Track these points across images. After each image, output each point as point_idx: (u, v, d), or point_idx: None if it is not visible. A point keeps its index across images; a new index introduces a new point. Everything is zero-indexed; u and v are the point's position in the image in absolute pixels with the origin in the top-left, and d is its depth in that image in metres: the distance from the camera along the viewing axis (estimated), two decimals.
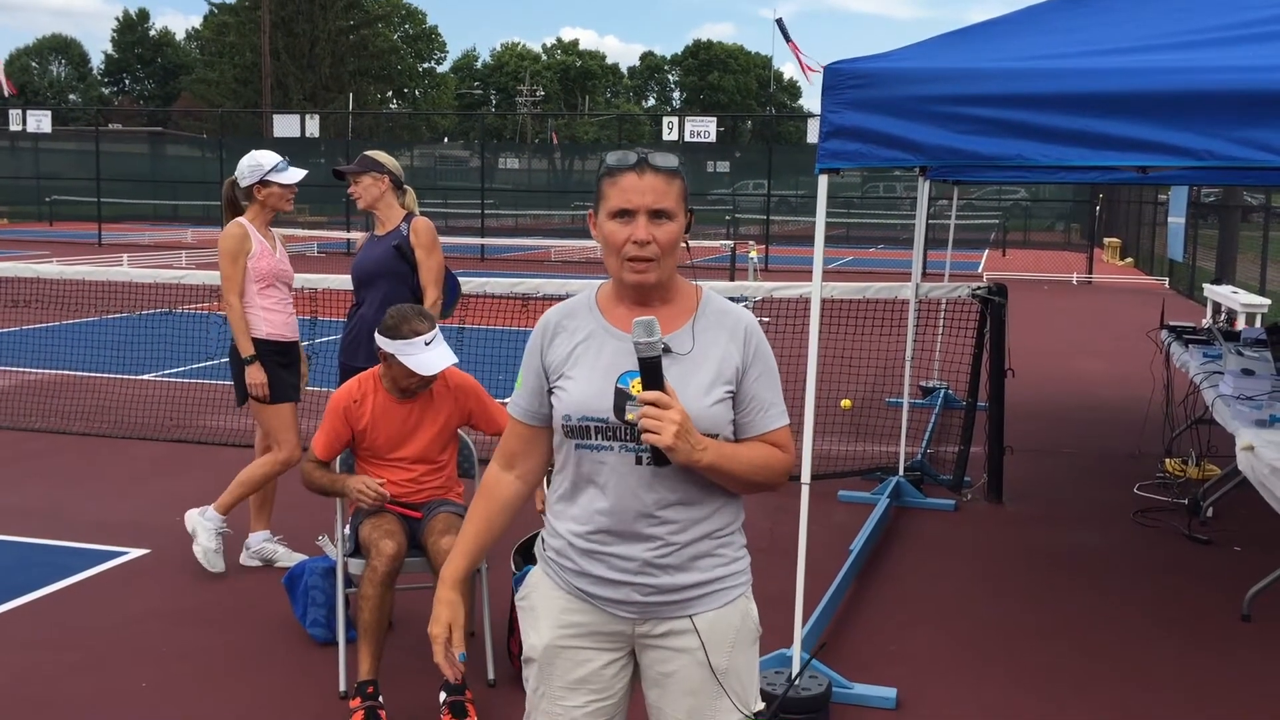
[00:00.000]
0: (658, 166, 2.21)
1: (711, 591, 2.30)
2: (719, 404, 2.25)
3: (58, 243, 29.71)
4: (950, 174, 8.07)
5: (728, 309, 2.34)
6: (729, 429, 2.28)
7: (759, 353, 2.31)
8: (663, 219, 2.21)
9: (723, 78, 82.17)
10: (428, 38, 72.70)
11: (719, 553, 2.31)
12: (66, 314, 13.32)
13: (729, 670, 2.31)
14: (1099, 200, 29.03)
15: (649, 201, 2.20)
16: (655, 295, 2.30)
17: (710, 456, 2.18)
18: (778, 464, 2.31)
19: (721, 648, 2.30)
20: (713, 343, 2.29)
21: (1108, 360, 12.53)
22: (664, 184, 2.21)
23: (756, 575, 2.44)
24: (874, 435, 8.23)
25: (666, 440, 2.11)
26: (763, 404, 2.30)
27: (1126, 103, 3.51)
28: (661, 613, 2.29)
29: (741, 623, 2.33)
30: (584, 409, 2.25)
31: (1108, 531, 6.31)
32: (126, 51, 78.06)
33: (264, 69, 50.09)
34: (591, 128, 71.21)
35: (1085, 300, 19.93)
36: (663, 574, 2.26)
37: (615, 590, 2.28)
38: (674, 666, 2.31)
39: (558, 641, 2.34)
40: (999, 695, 4.26)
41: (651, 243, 2.20)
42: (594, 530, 2.27)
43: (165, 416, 8.64)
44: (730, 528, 2.34)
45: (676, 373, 2.24)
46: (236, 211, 5.34)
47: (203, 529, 5.26)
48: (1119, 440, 8.41)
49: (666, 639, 2.30)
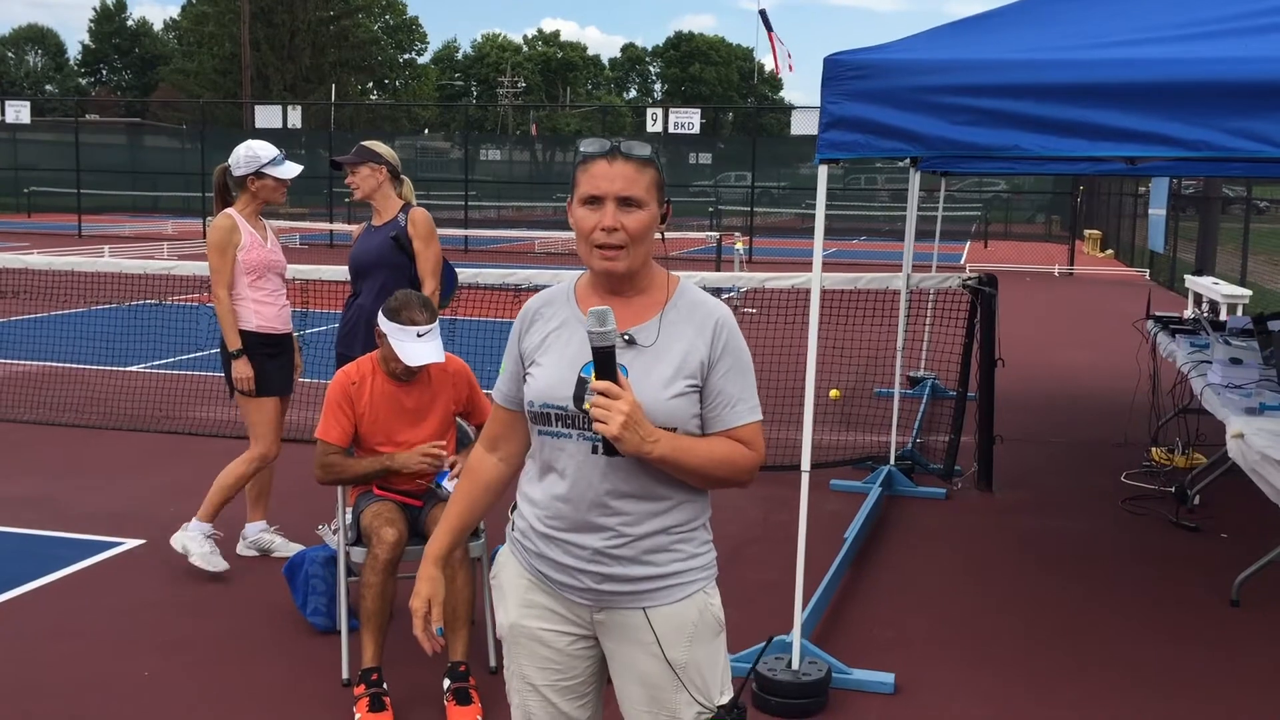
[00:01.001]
0: (629, 155, 2.22)
1: (666, 586, 2.29)
2: (679, 398, 2.24)
3: (37, 234, 29.51)
4: (940, 165, 8.13)
5: (700, 301, 2.33)
6: (693, 423, 2.27)
7: (728, 347, 2.29)
8: (632, 207, 2.22)
9: (704, 69, 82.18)
10: (408, 28, 72.40)
11: (676, 548, 2.30)
12: (54, 305, 13.25)
13: (688, 664, 2.31)
14: (1079, 192, 29.18)
15: (618, 189, 2.21)
16: (628, 285, 2.30)
17: (662, 449, 2.17)
18: (741, 460, 2.29)
19: (678, 642, 2.30)
20: (679, 336, 2.28)
21: (1092, 351, 12.63)
22: (634, 172, 2.22)
23: (751, 564, 2.48)
24: (864, 425, 8.29)
25: (613, 430, 2.11)
26: (729, 399, 2.28)
27: (1122, 94, 3.56)
28: (615, 602, 2.30)
29: (699, 617, 2.31)
30: (546, 396, 2.27)
31: (1096, 519, 6.38)
32: (104, 42, 77.46)
33: (244, 59, 49.83)
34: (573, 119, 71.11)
35: (1067, 292, 20.05)
36: (615, 564, 2.27)
37: (569, 576, 2.30)
38: (632, 658, 2.32)
39: (522, 620, 2.38)
40: (993, 679, 4.32)
41: (619, 230, 2.21)
42: (551, 515, 2.30)
43: (155, 408, 8.61)
44: (691, 523, 2.33)
45: (640, 364, 2.25)
46: (226, 200, 5.30)
47: (192, 541, 5.15)
48: (1105, 429, 8.49)
49: (625, 630, 2.32)
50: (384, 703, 3.87)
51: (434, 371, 4.21)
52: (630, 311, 2.31)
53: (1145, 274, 22.67)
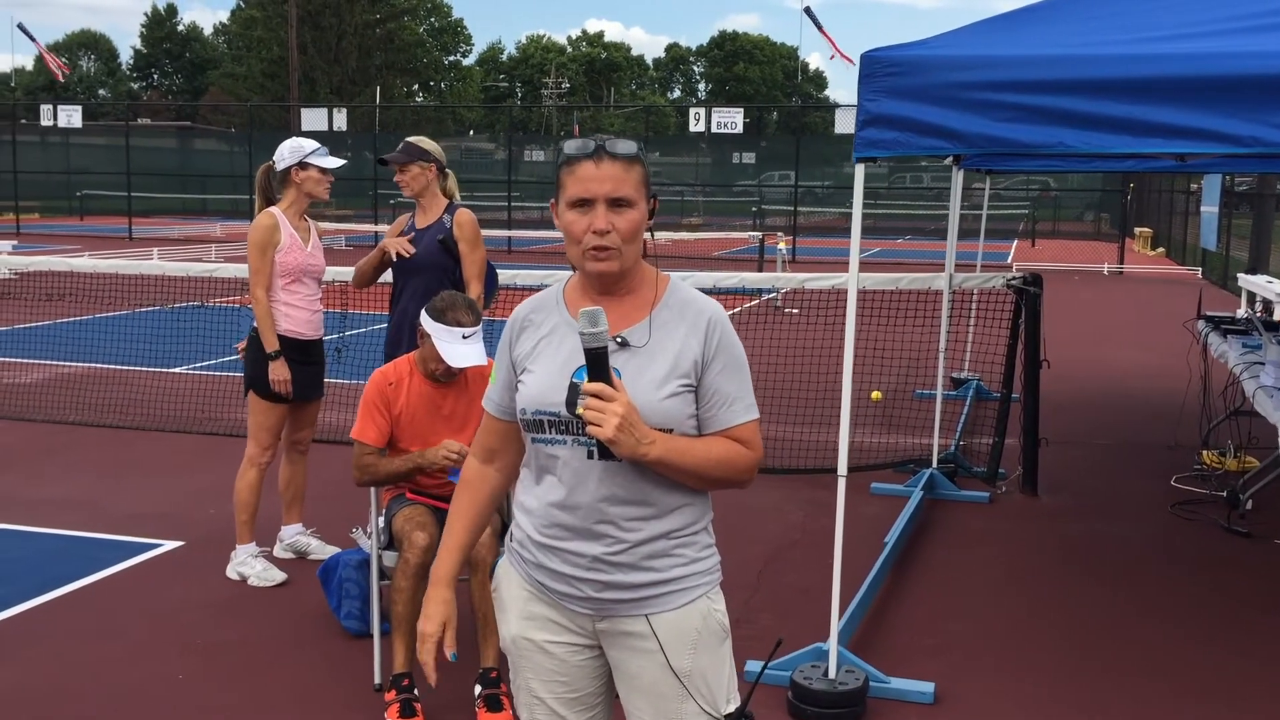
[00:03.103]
0: (615, 154, 2.17)
1: (668, 592, 2.24)
2: (674, 398, 2.19)
3: (89, 237, 29.94)
4: (984, 163, 7.99)
5: (691, 300, 2.28)
6: (689, 424, 2.22)
7: (722, 345, 2.24)
8: (623, 207, 2.18)
9: (748, 69, 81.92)
10: (454, 30, 72.79)
11: (677, 552, 2.24)
12: (99, 307, 13.41)
13: (693, 672, 2.25)
14: (1129, 190, 28.74)
15: (607, 190, 2.16)
16: (619, 286, 2.26)
17: (658, 451, 2.12)
18: (740, 460, 2.24)
19: (682, 649, 2.24)
20: (671, 335, 2.23)
21: (1142, 351, 12.40)
22: (622, 171, 2.17)
23: (790, 569, 2.42)
24: (905, 427, 8.17)
25: (607, 433, 2.07)
26: (725, 398, 2.23)
27: (1170, 89, 3.46)
28: (616, 610, 2.24)
29: (703, 623, 2.26)
30: (538, 403, 2.22)
31: (1145, 524, 6.24)
32: (155, 47, 78.49)
33: (291, 63, 50.31)
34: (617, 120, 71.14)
35: (1117, 291, 19.75)
36: (615, 571, 2.22)
37: (569, 585, 2.25)
38: (637, 667, 2.27)
39: (523, 633, 2.33)
40: (1036, 689, 4.22)
41: (611, 231, 2.17)
42: (548, 524, 2.25)
43: (197, 409, 8.68)
44: (692, 527, 2.27)
45: (633, 366, 2.20)
46: (269, 201, 5.27)
47: (243, 566, 5.15)
48: (1155, 432, 8.32)
49: (627, 639, 2.26)
50: (414, 708, 3.84)
51: (471, 375, 4.18)
52: (621, 312, 2.26)
53: (1198, 272, 22.27)
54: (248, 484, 5.21)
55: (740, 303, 15.82)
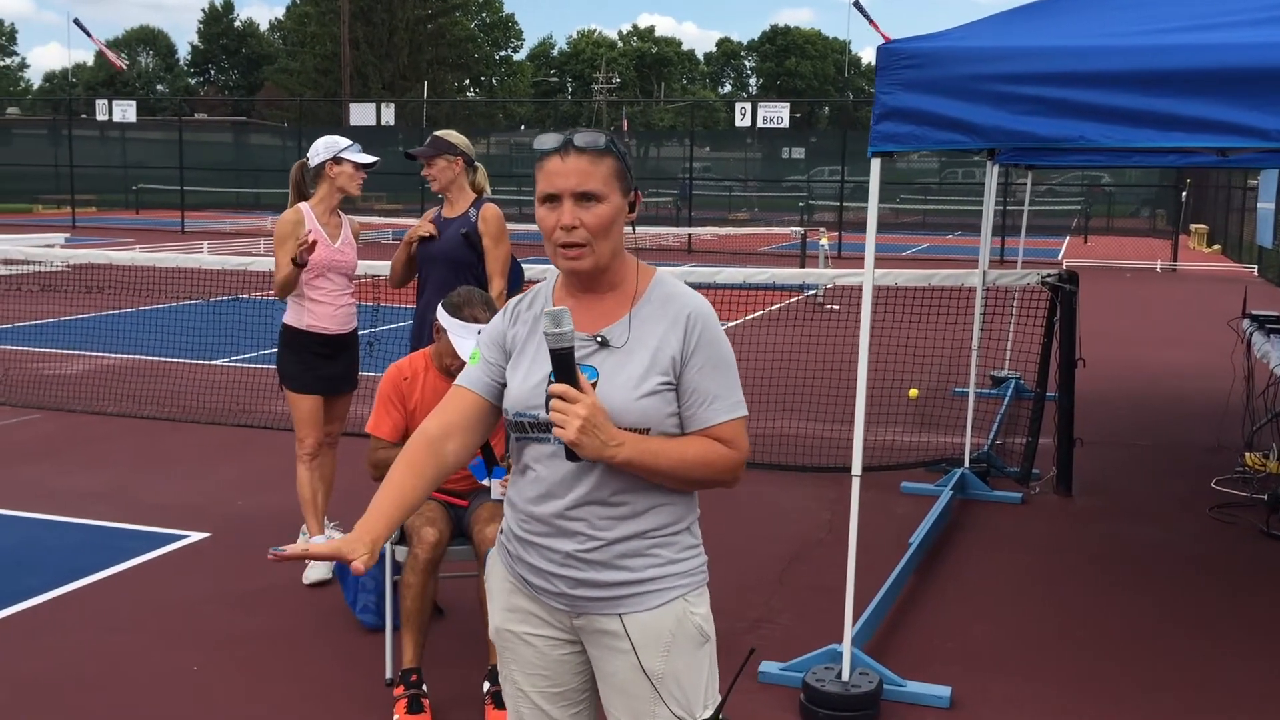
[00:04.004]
0: (581, 147, 2.13)
1: (642, 592, 2.20)
2: (651, 396, 2.15)
3: (142, 230, 30.40)
4: (1022, 158, 7.86)
5: (674, 295, 2.22)
6: (669, 423, 2.17)
7: (702, 341, 2.17)
8: (590, 201, 2.13)
9: (800, 63, 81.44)
10: (505, 26, 73.07)
11: (653, 553, 2.20)
12: (142, 300, 13.60)
13: (665, 675, 2.21)
14: (1185, 185, 28.20)
15: (572, 184, 2.12)
16: (601, 281, 2.21)
17: (626, 453, 2.08)
18: (718, 461, 2.18)
19: (654, 650, 2.20)
20: (650, 332, 2.18)
21: (1189, 350, 12.16)
22: (589, 165, 2.13)
23: (812, 568, 2.37)
24: (941, 426, 8.06)
25: (570, 435, 2.03)
26: (705, 396, 2.17)
27: (1193, 81, 3.35)
28: (590, 608, 2.22)
29: (677, 625, 2.21)
30: (520, 404, 2.20)
31: (1181, 527, 6.10)
32: (212, 43, 79.54)
33: (343, 58, 50.77)
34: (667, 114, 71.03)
35: (1169, 288, 19.39)
36: (588, 569, 2.19)
37: (546, 580, 2.23)
38: (612, 666, 2.24)
39: (506, 625, 2.32)
40: (1058, 695, 4.12)
41: (578, 227, 2.13)
42: (526, 519, 2.24)
43: (233, 401, 8.76)
44: (671, 528, 2.22)
45: (610, 364, 2.17)
46: (301, 196, 5.31)
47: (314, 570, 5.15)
48: (1197, 433, 8.15)
49: (602, 637, 2.23)
50: (422, 704, 3.83)
51: None
52: (603, 309, 2.22)
53: (1254, 270, 21.82)
54: (300, 481, 5.29)
55: (781, 299, 15.72)
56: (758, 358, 9.61)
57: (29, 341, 11.36)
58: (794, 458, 7.27)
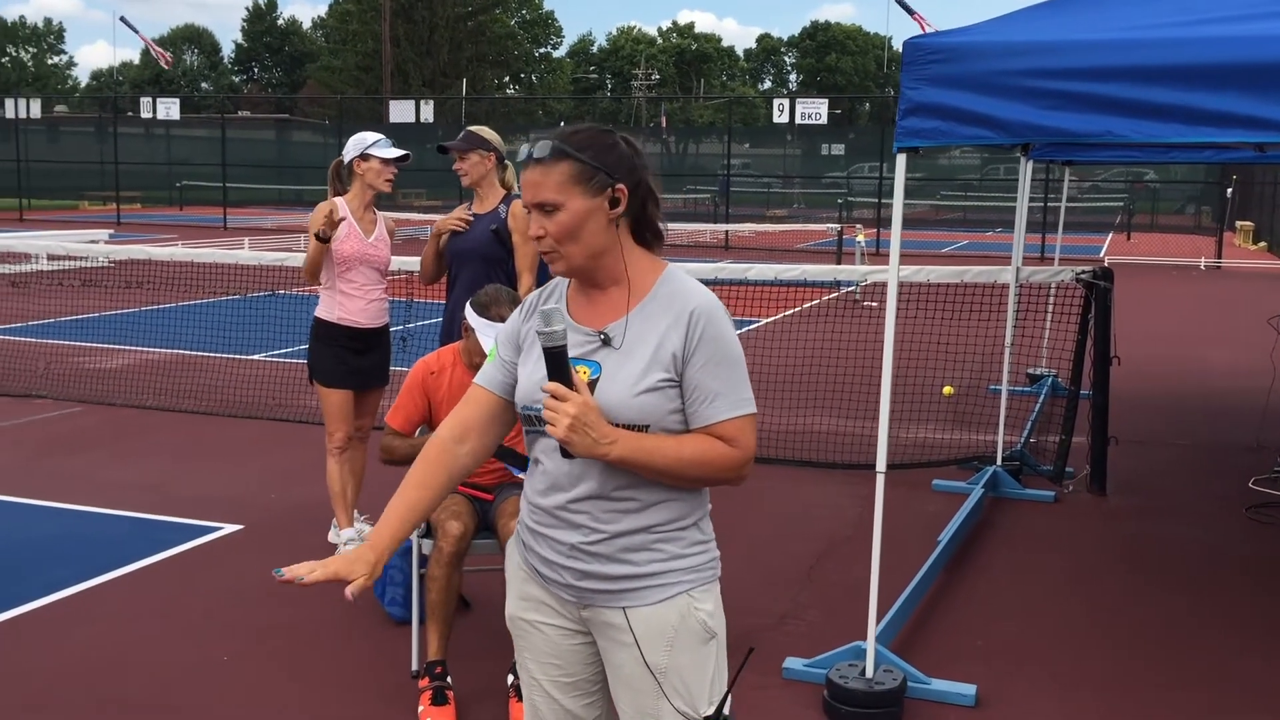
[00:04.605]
0: (536, 158, 2.16)
1: (646, 586, 2.21)
2: (650, 393, 2.15)
3: (185, 226, 30.75)
4: (1058, 153, 7.79)
5: (680, 291, 2.21)
6: (670, 419, 2.17)
7: (705, 338, 2.16)
8: (548, 210, 2.16)
9: (840, 59, 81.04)
10: (544, 22, 73.27)
11: (657, 547, 2.21)
12: (182, 295, 13.77)
13: (669, 670, 2.22)
14: (1231, 182, 27.79)
15: (529, 197, 2.18)
16: (599, 279, 2.24)
17: (619, 451, 2.09)
18: (718, 459, 2.16)
19: (657, 645, 2.21)
20: (653, 329, 2.18)
21: (1230, 349, 11.99)
22: (540, 175, 2.16)
23: (840, 564, 2.36)
24: (975, 423, 8.01)
25: (560, 433, 2.06)
26: (707, 394, 2.16)
27: (1223, 74, 3.31)
28: (596, 600, 2.24)
29: (680, 621, 2.21)
30: (527, 397, 2.23)
31: (1217, 528, 6.02)
32: (255, 41, 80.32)
33: (384, 55, 51.10)
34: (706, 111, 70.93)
35: (1212, 286, 19.13)
36: (593, 561, 2.21)
37: (554, 571, 2.26)
38: (618, 659, 2.26)
39: (519, 613, 2.35)
40: (1085, 696, 4.09)
41: (544, 235, 2.17)
42: (536, 510, 2.27)
43: (270, 395, 8.85)
44: (677, 523, 2.22)
45: (612, 361, 2.18)
46: (339, 192, 5.37)
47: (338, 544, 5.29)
48: (1235, 432, 8.04)
49: (608, 630, 2.25)
50: (446, 696, 3.86)
51: None
52: (608, 305, 2.24)
53: None
54: (330, 474, 5.35)
55: (818, 295, 15.66)
56: (793, 354, 9.59)
57: (72, 336, 11.54)
58: (826, 454, 7.25)
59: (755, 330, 12.31)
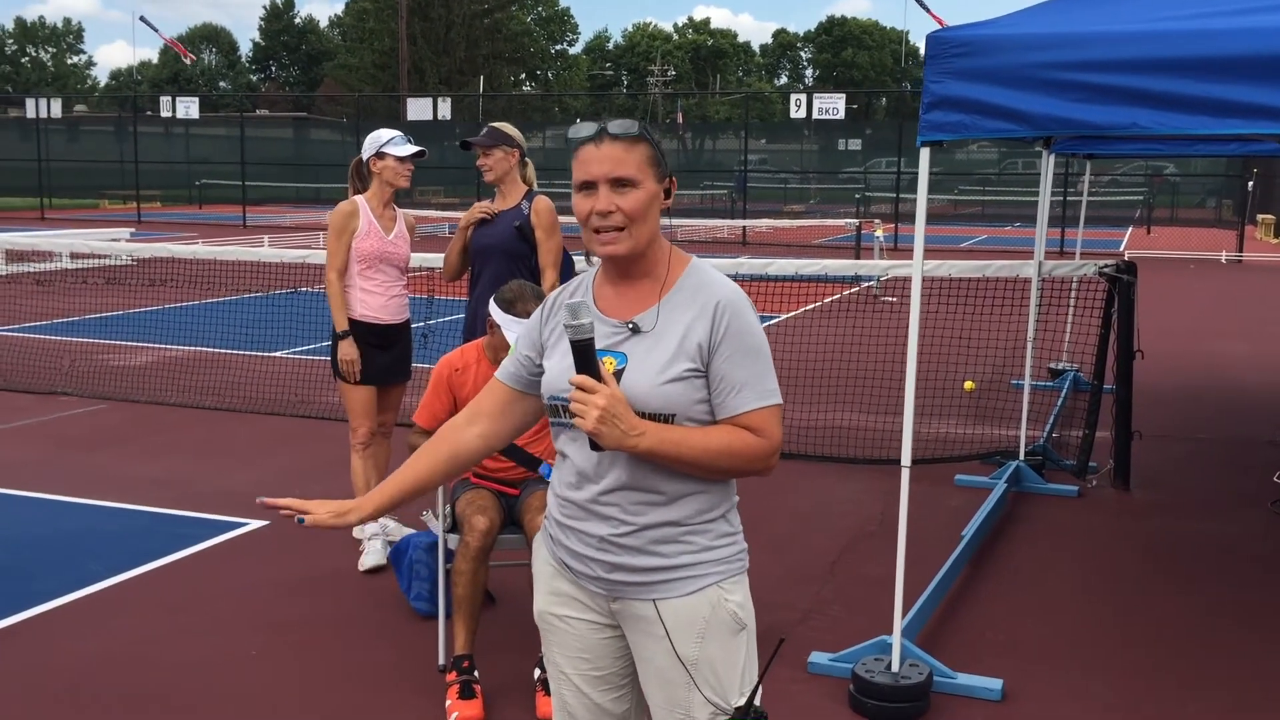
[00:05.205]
0: (615, 134, 2.17)
1: (676, 578, 2.22)
2: (676, 383, 2.16)
3: (205, 225, 30.91)
4: (1079, 147, 7.75)
5: (707, 283, 2.24)
6: (696, 409, 2.18)
7: (731, 330, 2.18)
8: (625, 187, 2.17)
9: (856, 54, 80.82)
10: (560, 20, 73.30)
11: (687, 539, 2.22)
12: (205, 293, 13.83)
13: (700, 661, 2.22)
14: (1252, 175, 27.61)
15: (607, 170, 2.16)
16: (635, 269, 2.25)
17: (648, 442, 2.10)
18: (747, 450, 2.18)
19: (688, 637, 2.22)
20: (678, 320, 2.20)
21: (1252, 343, 11.93)
22: (622, 151, 2.17)
23: (863, 560, 2.37)
24: (997, 418, 7.99)
25: (588, 425, 2.07)
26: (733, 385, 2.18)
27: (1253, 66, 3.29)
28: (626, 593, 2.24)
29: (711, 612, 2.22)
30: (554, 389, 2.24)
31: (1241, 522, 6.00)
32: (273, 39, 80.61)
33: (400, 53, 51.17)
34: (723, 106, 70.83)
35: (1233, 280, 19.02)
36: (623, 553, 2.22)
37: (583, 564, 2.27)
38: (649, 652, 2.26)
39: (549, 608, 2.36)
40: (1110, 690, 4.08)
41: (614, 211, 2.16)
42: (565, 503, 2.28)
43: (292, 392, 8.89)
44: (705, 515, 2.23)
45: (640, 350, 2.19)
46: (359, 190, 5.40)
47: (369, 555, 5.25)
48: (1259, 426, 8.00)
49: (639, 622, 2.26)
50: (474, 690, 3.87)
51: None
52: (637, 296, 2.25)
53: None
54: (354, 470, 5.38)
55: (837, 290, 15.64)
56: (812, 350, 9.58)
57: (95, 334, 11.62)
58: (847, 450, 7.24)
59: (775, 325, 12.31)
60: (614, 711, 2.39)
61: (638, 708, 2.41)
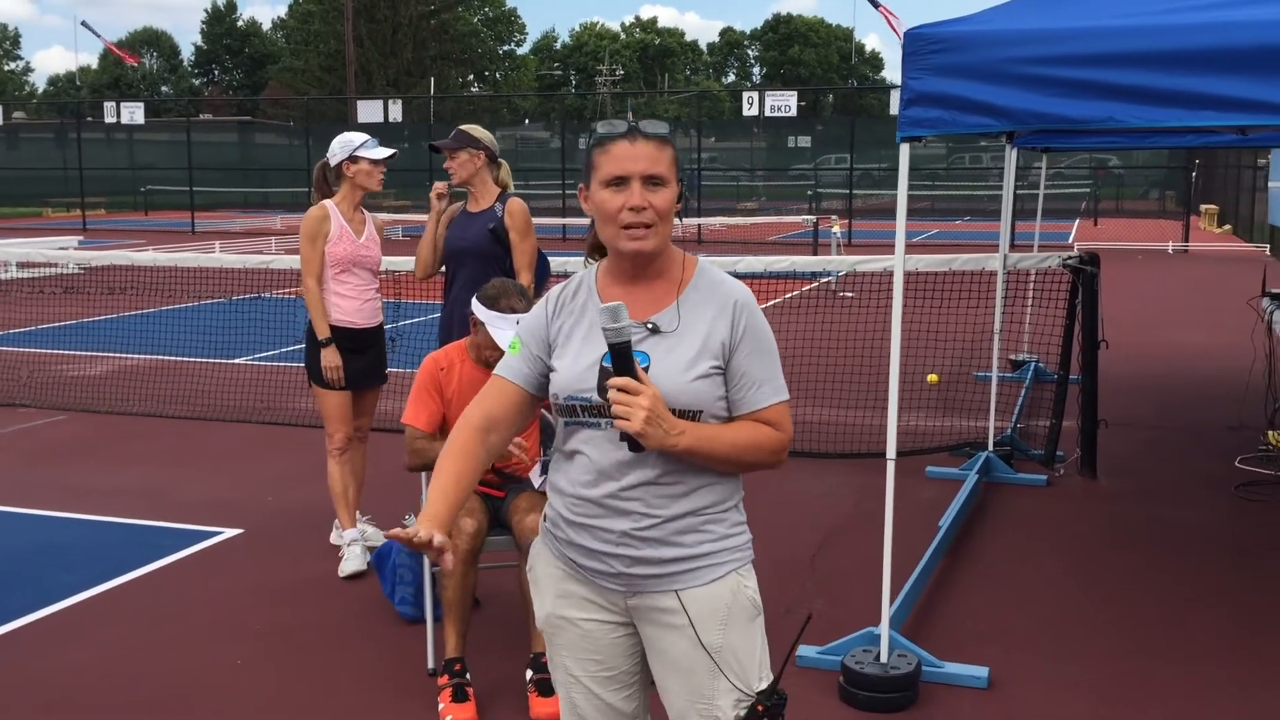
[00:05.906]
0: (649, 134, 2.23)
1: (697, 567, 2.26)
2: (702, 380, 2.22)
3: (153, 231, 30.49)
4: (1038, 141, 7.87)
5: (719, 281, 2.31)
6: (717, 405, 2.24)
7: (749, 328, 2.26)
8: (657, 185, 2.21)
9: (803, 51, 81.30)
10: (507, 20, 73.02)
11: (707, 529, 2.27)
12: (163, 300, 13.66)
13: (723, 647, 2.27)
14: (1195, 166, 28.12)
15: (642, 167, 2.20)
16: (650, 268, 2.29)
17: (687, 441, 2.16)
18: (768, 443, 2.26)
19: (712, 624, 2.26)
20: (700, 318, 2.26)
21: (1206, 331, 12.16)
22: (656, 150, 2.22)
23: (842, 553, 2.41)
24: (963, 410, 8.09)
25: (636, 426, 2.10)
26: (753, 380, 2.26)
27: (1224, 59, 3.37)
28: (646, 586, 2.27)
29: (733, 599, 2.28)
30: (570, 389, 2.25)
31: (1208, 506, 6.12)
32: (215, 43, 79.61)
33: (347, 56, 50.78)
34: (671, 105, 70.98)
35: (1181, 269, 19.37)
36: (644, 546, 2.24)
37: (600, 561, 2.28)
38: (668, 643, 2.29)
39: (558, 610, 2.37)
40: (1093, 673, 4.16)
41: (648, 208, 2.20)
42: (579, 501, 2.28)
43: (257, 399, 8.81)
44: (721, 505, 2.29)
45: (662, 348, 2.23)
46: (326, 194, 5.36)
47: (348, 561, 5.20)
48: (1218, 413, 8.16)
49: (658, 615, 2.28)
50: (466, 693, 3.87)
51: None
52: (651, 295, 2.29)
53: (1266, 250, 21.77)
54: (331, 476, 5.34)
55: (796, 287, 15.73)
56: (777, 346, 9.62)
57: (52, 344, 11.43)
58: (817, 444, 7.30)
59: None
60: (624, 710, 2.41)
61: (645, 706, 2.44)
